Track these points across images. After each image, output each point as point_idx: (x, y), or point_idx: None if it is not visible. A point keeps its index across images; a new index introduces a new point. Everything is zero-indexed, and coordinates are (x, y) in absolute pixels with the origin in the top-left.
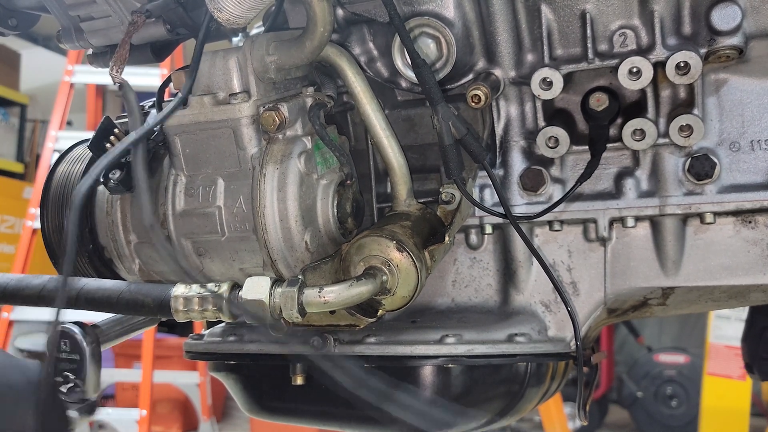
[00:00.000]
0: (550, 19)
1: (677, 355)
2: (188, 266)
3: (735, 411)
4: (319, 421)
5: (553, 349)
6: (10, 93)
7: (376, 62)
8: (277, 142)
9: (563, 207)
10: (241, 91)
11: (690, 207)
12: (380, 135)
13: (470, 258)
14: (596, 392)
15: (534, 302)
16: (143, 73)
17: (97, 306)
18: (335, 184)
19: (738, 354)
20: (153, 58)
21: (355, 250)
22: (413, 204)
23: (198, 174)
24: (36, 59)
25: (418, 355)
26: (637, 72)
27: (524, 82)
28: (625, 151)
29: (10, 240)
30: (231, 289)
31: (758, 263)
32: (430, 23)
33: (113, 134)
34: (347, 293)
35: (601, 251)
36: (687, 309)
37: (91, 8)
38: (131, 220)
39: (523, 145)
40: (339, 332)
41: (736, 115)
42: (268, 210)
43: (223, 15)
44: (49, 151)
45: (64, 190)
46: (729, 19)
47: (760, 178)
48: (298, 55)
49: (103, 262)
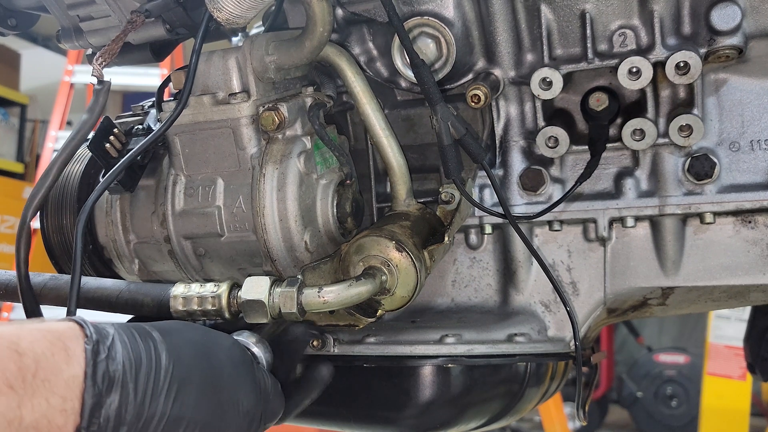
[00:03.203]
0: (549, 18)
1: (677, 355)
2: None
3: (735, 411)
4: (318, 421)
5: (552, 349)
6: (10, 93)
7: (376, 62)
8: (277, 142)
9: (563, 207)
10: (240, 91)
11: (690, 207)
12: (380, 135)
13: (470, 258)
14: (596, 392)
15: (534, 302)
16: (143, 73)
17: (97, 305)
18: (335, 183)
19: (738, 354)
20: (152, 58)
21: (355, 250)
22: (413, 204)
23: (197, 174)
24: (36, 59)
25: (417, 355)
26: (636, 72)
27: (524, 82)
28: (625, 151)
29: (10, 240)
30: (230, 289)
31: (758, 263)
32: (430, 23)
33: (113, 134)
34: (346, 293)
35: (601, 251)
36: (687, 309)
37: (90, 8)
38: (131, 220)
39: (522, 145)
40: (339, 332)
41: (736, 115)
42: (267, 210)
43: (223, 15)
44: (49, 151)
45: (65, 190)
46: (729, 19)
47: (759, 178)
48: (298, 55)
49: (103, 262)
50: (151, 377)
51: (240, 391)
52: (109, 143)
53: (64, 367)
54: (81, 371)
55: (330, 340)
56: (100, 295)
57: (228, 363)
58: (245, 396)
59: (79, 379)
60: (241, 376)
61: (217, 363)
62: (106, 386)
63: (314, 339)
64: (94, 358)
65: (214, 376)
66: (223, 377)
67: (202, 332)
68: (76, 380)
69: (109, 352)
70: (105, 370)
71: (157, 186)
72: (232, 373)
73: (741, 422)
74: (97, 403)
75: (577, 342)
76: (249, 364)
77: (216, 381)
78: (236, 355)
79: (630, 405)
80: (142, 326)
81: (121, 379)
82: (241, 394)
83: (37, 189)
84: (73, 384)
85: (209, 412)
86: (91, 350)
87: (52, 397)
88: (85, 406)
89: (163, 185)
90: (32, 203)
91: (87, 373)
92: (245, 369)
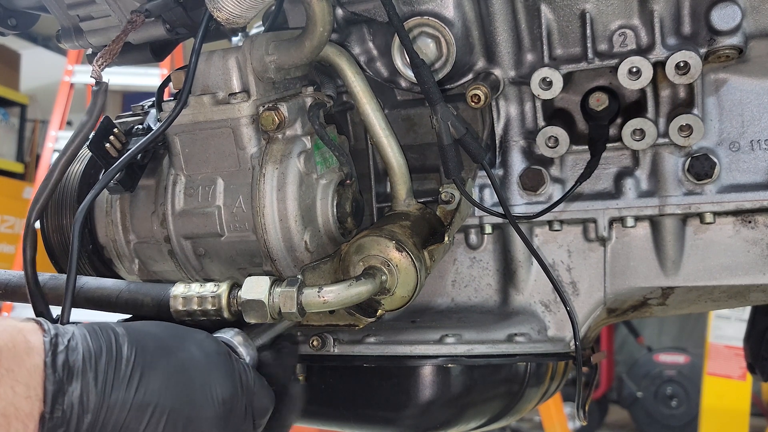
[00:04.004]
0: (549, 18)
1: (677, 355)
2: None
3: (735, 411)
4: (318, 421)
5: (552, 349)
6: (10, 93)
7: (376, 62)
8: (277, 142)
9: (563, 207)
10: (240, 91)
11: (690, 207)
12: (380, 135)
13: (470, 258)
14: (596, 392)
15: (534, 302)
16: (143, 73)
17: (97, 305)
18: (335, 183)
19: (738, 354)
20: (152, 58)
21: (355, 249)
22: (413, 204)
23: (197, 174)
24: (36, 59)
25: (417, 355)
26: (636, 72)
27: (524, 81)
28: (625, 151)
29: (10, 240)
30: (230, 289)
31: (758, 263)
32: (430, 23)
33: (113, 134)
34: (346, 293)
35: (601, 251)
36: (687, 309)
37: (90, 8)
38: (131, 220)
39: (522, 145)
40: (338, 332)
41: (736, 115)
42: (267, 210)
43: (223, 14)
44: (49, 151)
45: (64, 190)
46: (729, 18)
47: (759, 177)
48: (298, 55)
49: (103, 262)
50: (112, 365)
51: (213, 378)
52: (109, 143)
53: (25, 358)
54: (41, 361)
55: (330, 340)
56: (100, 295)
57: (198, 353)
58: (219, 384)
59: (39, 368)
60: (213, 364)
61: (186, 353)
62: (66, 374)
63: (314, 339)
64: (53, 349)
65: (180, 364)
66: (193, 365)
67: (171, 327)
68: (37, 369)
69: (69, 343)
70: (65, 359)
71: (157, 186)
72: (203, 361)
73: (741, 422)
74: (58, 390)
75: (577, 342)
76: (224, 355)
77: (183, 369)
78: (208, 345)
79: (630, 405)
80: (106, 323)
81: (81, 368)
82: (215, 381)
83: (41, 191)
84: (34, 373)
85: (177, 399)
86: (49, 341)
87: (17, 386)
88: (47, 394)
89: (163, 185)
90: (36, 205)
91: (47, 363)
92: (219, 359)
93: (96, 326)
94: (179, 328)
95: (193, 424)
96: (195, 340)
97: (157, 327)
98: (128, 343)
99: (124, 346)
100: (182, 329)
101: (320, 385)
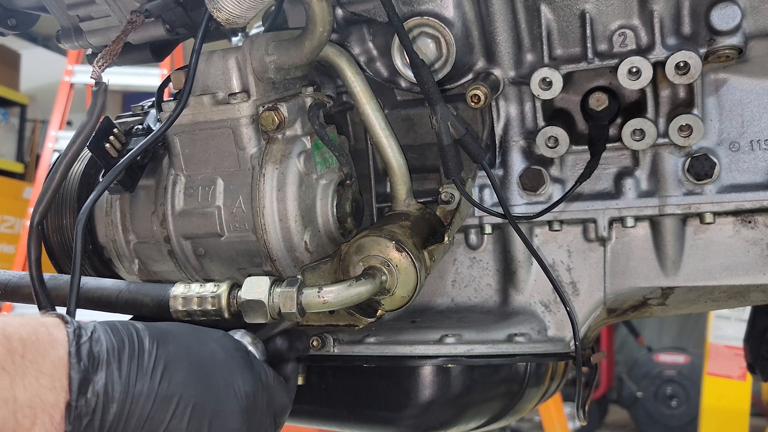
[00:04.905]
0: (549, 18)
1: (677, 355)
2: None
3: (735, 411)
4: (318, 421)
5: (552, 349)
6: (10, 93)
7: (376, 62)
8: (277, 142)
9: (563, 207)
10: (240, 91)
11: (690, 207)
12: (380, 135)
13: (470, 258)
14: (596, 392)
15: (533, 302)
16: (143, 73)
17: (97, 305)
18: (335, 184)
19: (738, 354)
20: (152, 58)
21: (355, 250)
22: (412, 204)
23: (197, 174)
24: (36, 59)
25: (417, 355)
26: (636, 72)
27: (524, 82)
28: (625, 151)
29: (10, 240)
30: (230, 289)
31: (758, 263)
32: (430, 23)
33: (113, 134)
34: (346, 293)
35: (601, 251)
36: (687, 309)
37: (90, 8)
38: (131, 220)
39: (522, 145)
40: (338, 332)
41: (736, 115)
42: (267, 210)
43: (222, 15)
44: (49, 151)
45: (64, 190)
46: (728, 18)
47: (759, 178)
48: (298, 55)
49: (103, 262)
50: (135, 358)
51: (235, 373)
52: (108, 143)
53: (49, 350)
54: (65, 352)
55: (330, 340)
56: (99, 295)
57: (219, 349)
58: (242, 378)
59: (64, 359)
60: (234, 359)
61: (206, 349)
62: (91, 364)
63: (314, 339)
64: (77, 339)
65: (203, 359)
66: (215, 360)
67: (188, 326)
68: (62, 360)
69: (92, 335)
70: (89, 350)
71: (157, 186)
72: (224, 357)
73: (741, 422)
74: (84, 379)
75: (577, 342)
76: (243, 351)
77: (206, 363)
78: (227, 342)
79: (630, 405)
80: (125, 321)
81: (105, 359)
82: (237, 376)
83: (44, 192)
84: (59, 364)
85: (201, 391)
86: (72, 332)
87: (42, 377)
88: (73, 382)
89: (163, 185)
90: (40, 206)
91: (71, 353)
92: (239, 354)
93: (116, 322)
94: (197, 327)
95: (219, 417)
96: (213, 337)
97: (174, 325)
98: (149, 338)
99: (145, 339)
100: (200, 328)
101: (320, 385)
